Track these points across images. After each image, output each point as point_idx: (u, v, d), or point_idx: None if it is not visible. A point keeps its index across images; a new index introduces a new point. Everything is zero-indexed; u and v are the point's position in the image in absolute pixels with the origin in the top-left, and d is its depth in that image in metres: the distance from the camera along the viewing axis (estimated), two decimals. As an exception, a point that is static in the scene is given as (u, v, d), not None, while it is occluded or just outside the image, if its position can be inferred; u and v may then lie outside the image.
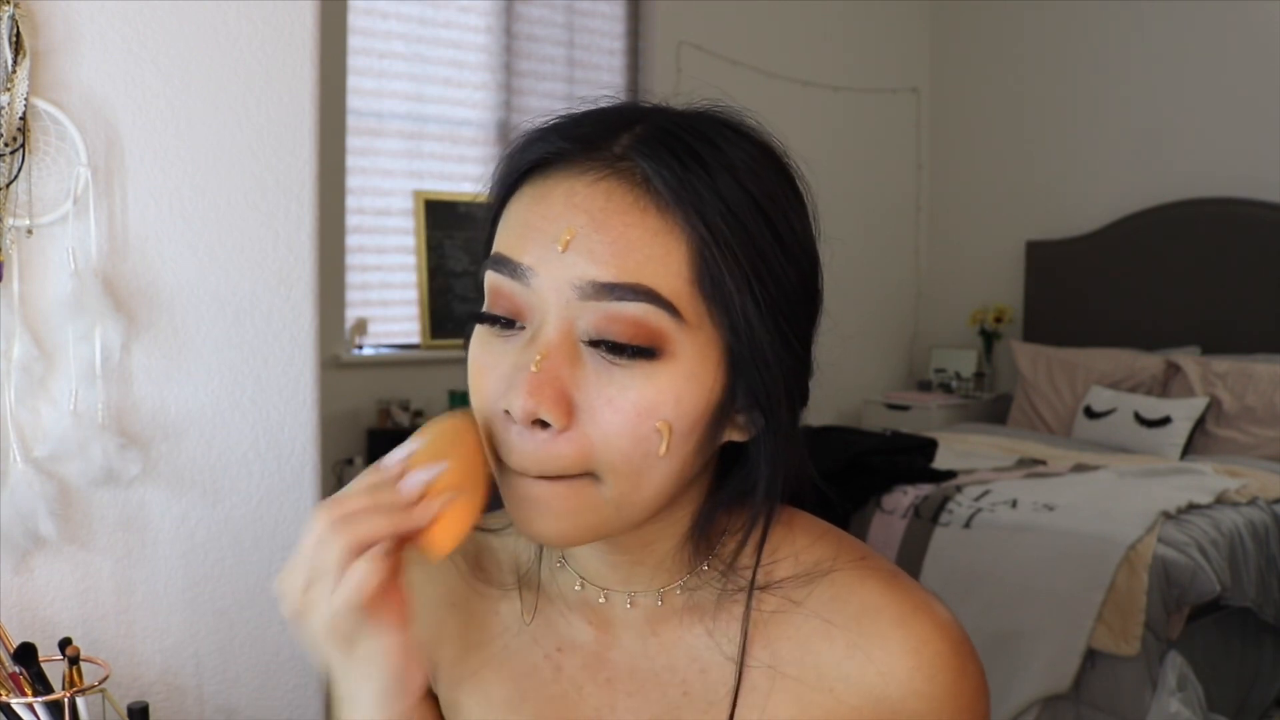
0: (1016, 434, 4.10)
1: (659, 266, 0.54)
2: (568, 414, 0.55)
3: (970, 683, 0.62)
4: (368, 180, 3.65)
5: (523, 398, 0.54)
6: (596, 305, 0.54)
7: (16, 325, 1.18)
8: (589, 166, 0.56)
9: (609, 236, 0.54)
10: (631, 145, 0.56)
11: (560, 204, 0.56)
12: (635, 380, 0.55)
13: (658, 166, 0.55)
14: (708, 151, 0.56)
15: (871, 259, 4.85)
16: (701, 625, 0.64)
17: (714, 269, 0.55)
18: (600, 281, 0.54)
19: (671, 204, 0.55)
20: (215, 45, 1.32)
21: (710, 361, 0.56)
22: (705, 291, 0.55)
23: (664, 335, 0.55)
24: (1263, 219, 3.85)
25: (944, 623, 0.62)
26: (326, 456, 1.45)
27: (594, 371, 0.55)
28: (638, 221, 0.55)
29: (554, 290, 0.55)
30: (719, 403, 0.57)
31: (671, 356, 0.55)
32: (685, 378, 0.55)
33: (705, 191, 0.55)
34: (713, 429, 0.58)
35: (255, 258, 1.36)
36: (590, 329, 0.55)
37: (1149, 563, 2.47)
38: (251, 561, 1.37)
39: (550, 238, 0.55)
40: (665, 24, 4.22)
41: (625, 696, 0.65)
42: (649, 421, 0.55)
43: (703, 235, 0.55)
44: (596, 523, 0.57)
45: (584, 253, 0.54)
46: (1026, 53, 4.67)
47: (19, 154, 1.17)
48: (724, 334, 0.56)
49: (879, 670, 0.61)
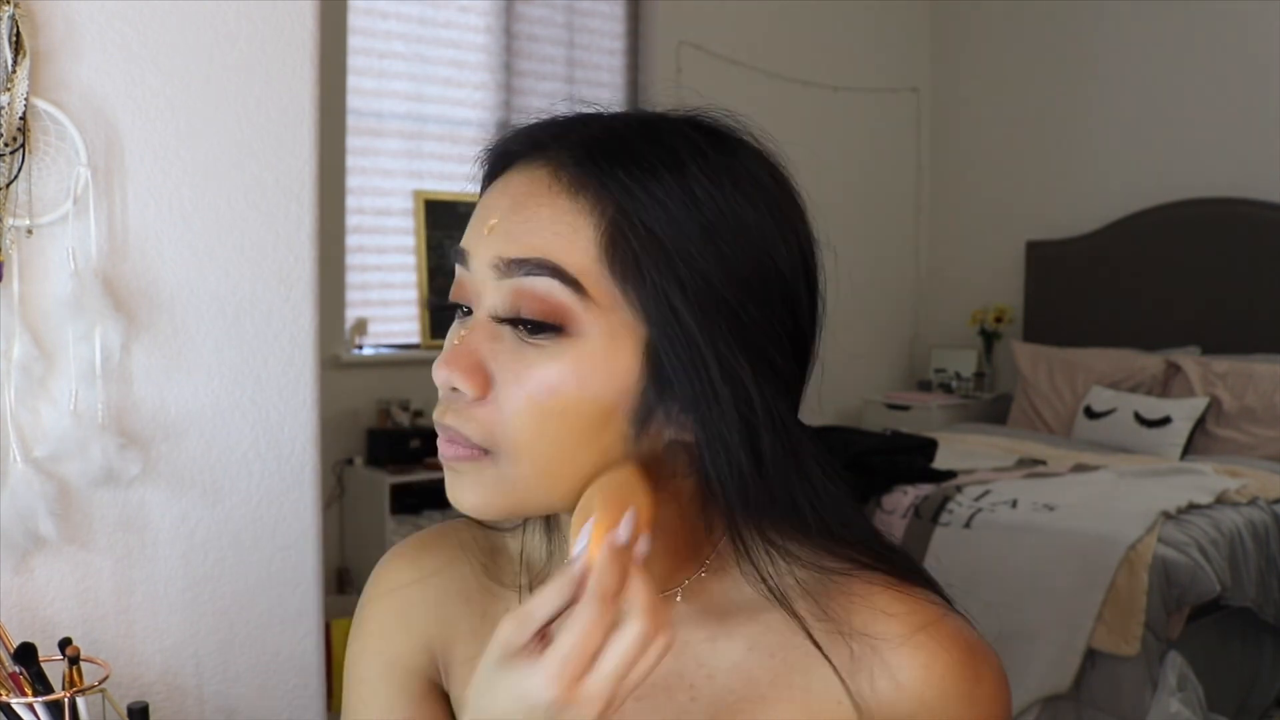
0: (1016, 434, 4.10)
1: (564, 244, 0.56)
2: (482, 385, 0.57)
3: (986, 689, 0.61)
4: (368, 180, 3.65)
5: (442, 365, 0.58)
6: (508, 282, 0.57)
7: (16, 325, 1.18)
8: (530, 162, 0.60)
9: (522, 216, 0.58)
10: (571, 141, 0.59)
11: (496, 193, 0.60)
12: (542, 358, 0.57)
13: (579, 155, 0.58)
14: (649, 148, 0.57)
15: (871, 259, 4.85)
16: (707, 630, 0.64)
17: (625, 250, 0.56)
18: (507, 258, 0.57)
19: (582, 186, 0.57)
20: (215, 45, 1.32)
21: (624, 346, 0.56)
22: (615, 273, 0.56)
23: (569, 312, 0.56)
24: (1263, 219, 3.85)
25: (955, 634, 0.62)
26: (326, 456, 1.46)
27: (510, 349, 0.58)
28: (549, 203, 0.57)
29: (481, 271, 0.59)
30: (637, 392, 0.57)
31: (579, 335, 0.56)
32: (591, 358, 0.56)
33: (623, 178, 0.56)
34: (637, 421, 0.58)
35: (255, 258, 1.36)
36: (504, 306, 0.58)
37: (1149, 563, 2.47)
38: (251, 561, 1.37)
39: (483, 223, 0.60)
40: (665, 24, 4.22)
41: (633, 701, 0.65)
42: (551, 400, 0.56)
43: (613, 217, 0.56)
44: (506, 500, 0.60)
45: (501, 234, 0.58)
46: (1027, 53, 4.67)
47: (19, 154, 1.17)
48: (641, 320, 0.57)
49: (890, 683, 0.61)
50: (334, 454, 3.50)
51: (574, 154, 0.58)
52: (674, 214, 0.56)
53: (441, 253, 3.78)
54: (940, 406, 4.52)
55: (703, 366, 0.56)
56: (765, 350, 0.58)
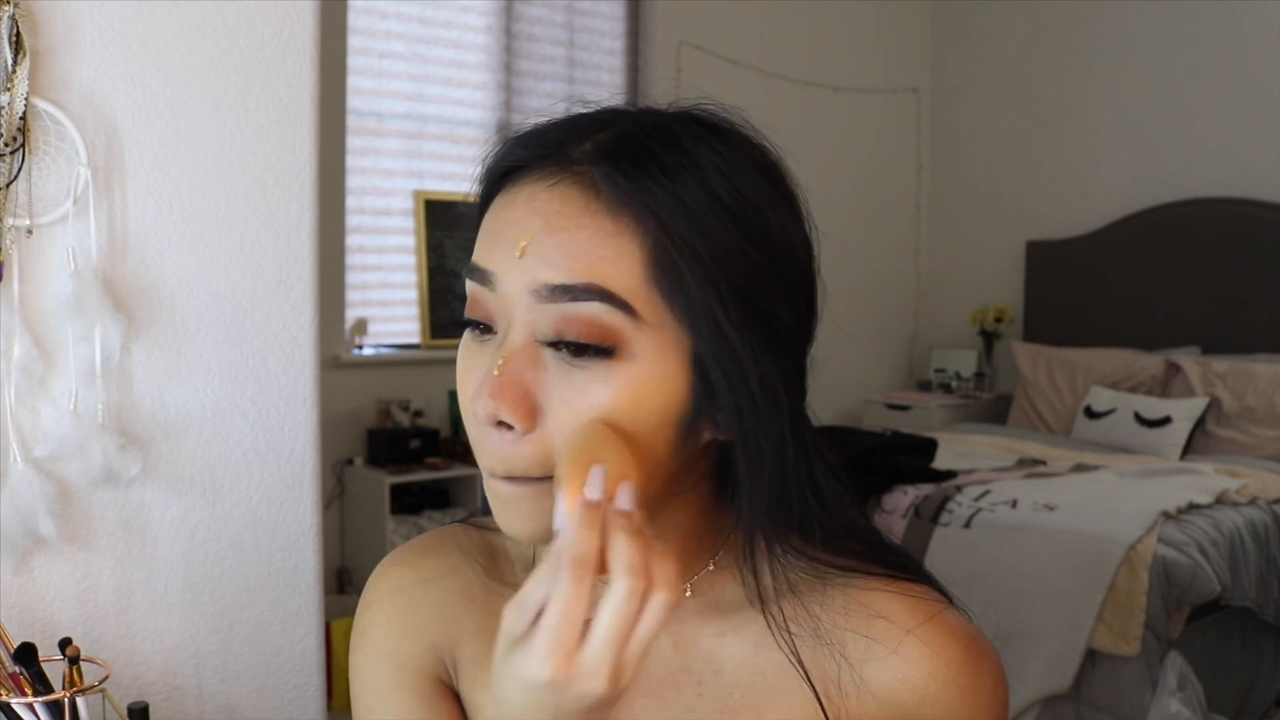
0: (1016, 434, 4.10)
1: (610, 266, 0.55)
2: (529, 416, 0.55)
3: (986, 684, 0.62)
4: (368, 180, 3.65)
5: (485, 400, 0.55)
6: (553, 307, 0.55)
7: (16, 325, 1.18)
8: (548, 172, 0.58)
9: (560, 239, 0.55)
10: (590, 151, 0.57)
11: (520, 209, 0.57)
12: (593, 381, 0.55)
13: (609, 170, 0.56)
14: (671, 155, 0.57)
15: (871, 259, 4.85)
16: (715, 626, 0.65)
17: (670, 267, 0.55)
18: (552, 284, 0.55)
19: (622, 205, 0.55)
20: (215, 45, 1.32)
21: (673, 361, 0.56)
22: (663, 290, 0.55)
23: (620, 334, 0.55)
24: (1263, 219, 3.85)
25: (956, 628, 0.62)
26: (326, 456, 1.46)
27: (555, 374, 0.56)
28: (589, 224, 0.55)
29: (515, 295, 0.56)
30: (687, 403, 0.57)
31: (630, 356, 0.55)
32: (645, 378, 0.56)
33: (660, 192, 0.55)
34: (684, 430, 0.58)
35: (255, 258, 1.36)
36: (548, 331, 0.56)
37: (1149, 563, 2.47)
38: (251, 561, 1.37)
39: (510, 243, 0.57)
40: (665, 24, 4.22)
41: (641, 697, 0.65)
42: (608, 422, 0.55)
43: (656, 235, 0.55)
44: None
45: (538, 257, 0.55)
46: (1027, 53, 4.67)
47: (19, 154, 1.17)
48: (687, 333, 0.56)
49: (893, 678, 0.61)
50: (334, 454, 3.50)
51: (603, 169, 0.56)
52: (709, 224, 0.56)
53: (442, 253, 3.78)
54: (940, 406, 4.52)
55: (742, 376, 0.57)
56: (791, 349, 0.59)
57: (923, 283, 5.12)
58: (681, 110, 0.61)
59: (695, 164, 0.56)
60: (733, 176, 0.57)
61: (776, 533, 0.62)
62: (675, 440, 0.58)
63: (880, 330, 4.98)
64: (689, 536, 0.64)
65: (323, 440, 1.43)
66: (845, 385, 4.71)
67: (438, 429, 3.63)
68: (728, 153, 0.58)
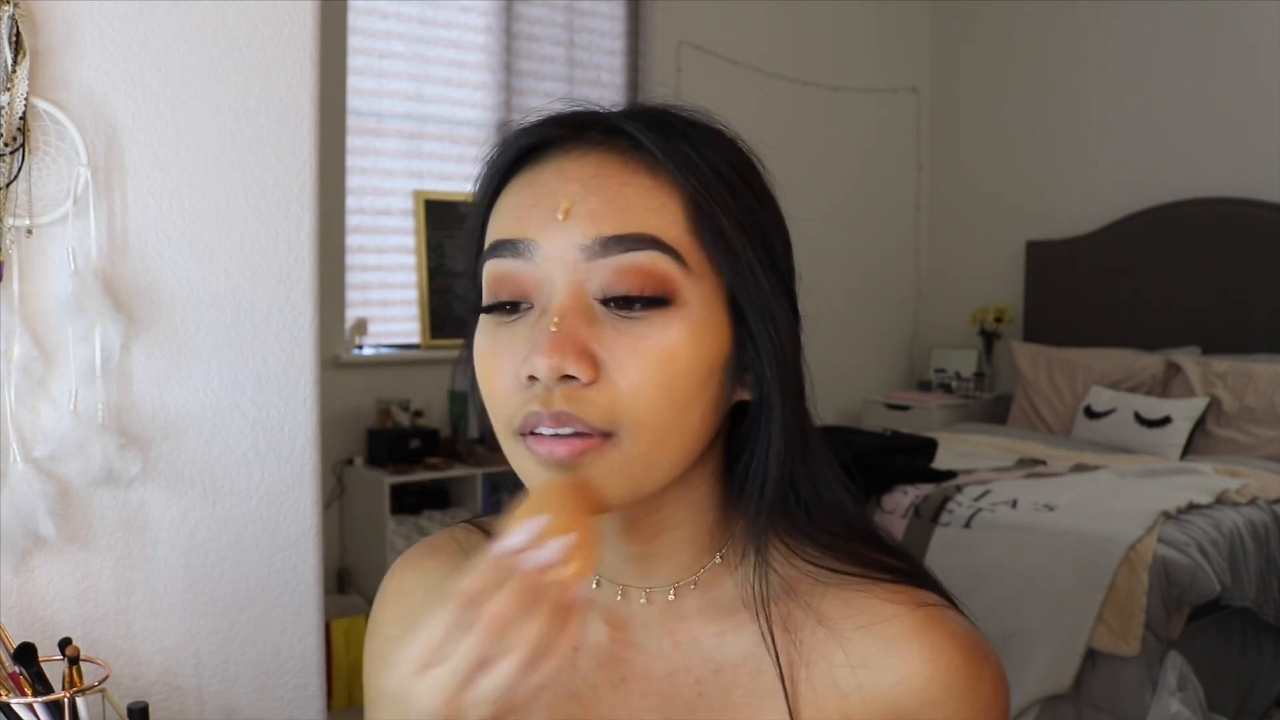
0: (1016, 434, 4.10)
1: (657, 218, 0.57)
2: (594, 366, 0.56)
3: (986, 688, 0.62)
4: (368, 180, 3.65)
5: (545, 355, 0.55)
6: (605, 262, 0.56)
7: (16, 325, 1.18)
8: (575, 145, 0.59)
9: (605, 195, 0.57)
10: (613, 122, 0.60)
11: (552, 179, 0.58)
12: (653, 329, 0.56)
13: (641, 132, 0.58)
14: (682, 124, 0.60)
15: (871, 259, 4.85)
16: (715, 625, 0.65)
17: (712, 219, 0.58)
18: (606, 235, 0.56)
19: (660, 162, 0.58)
20: (215, 45, 1.32)
21: (718, 309, 0.59)
22: (705, 241, 0.58)
23: (673, 282, 0.57)
24: (1263, 219, 3.85)
25: (956, 631, 0.62)
26: (326, 456, 1.46)
27: (611, 328, 0.57)
28: (631, 180, 0.58)
29: (559, 257, 0.57)
30: (731, 350, 0.60)
31: (683, 304, 0.57)
32: (698, 323, 0.57)
33: (689, 151, 0.58)
34: (727, 382, 0.60)
35: (255, 258, 1.36)
36: (602, 286, 0.57)
37: (1149, 563, 2.47)
38: (251, 561, 1.37)
39: (548, 210, 0.57)
40: (665, 24, 4.22)
41: (640, 697, 0.65)
42: (672, 365, 0.56)
43: (695, 189, 0.58)
44: (629, 485, 0.57)
45: (584, 215, 0.57)
46: (1027, 53, 4.67)
47: (19, 154, 1.17)
48: (727, 283, 0.59)
49: (892, 680, 0.61)
50: (334, 454, 3.50)
51: (636, 128, 0.59)
52: (731, 182, 0.59)
53: (442, 253, 3.78)
54: (940, 406, 4.52)
55: (773, 322, 0.60)
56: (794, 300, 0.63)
57: (923, 283, 5.12)
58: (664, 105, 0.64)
59: (703, 134, 0.60)
60: (730, 147, 0.62)
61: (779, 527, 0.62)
62: (723, 390, 0.60)
63: (880, 330, 4.98)
64: (695, 534, 0.64)
65: (323, 440, 1.43)
66: (845, 385, 4.71)
67: (438, 429, 3.63)
68: (717, 126, 0.63)
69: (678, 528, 0.64)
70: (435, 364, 3.73)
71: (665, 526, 0.63)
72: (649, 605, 0.65)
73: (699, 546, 0.65)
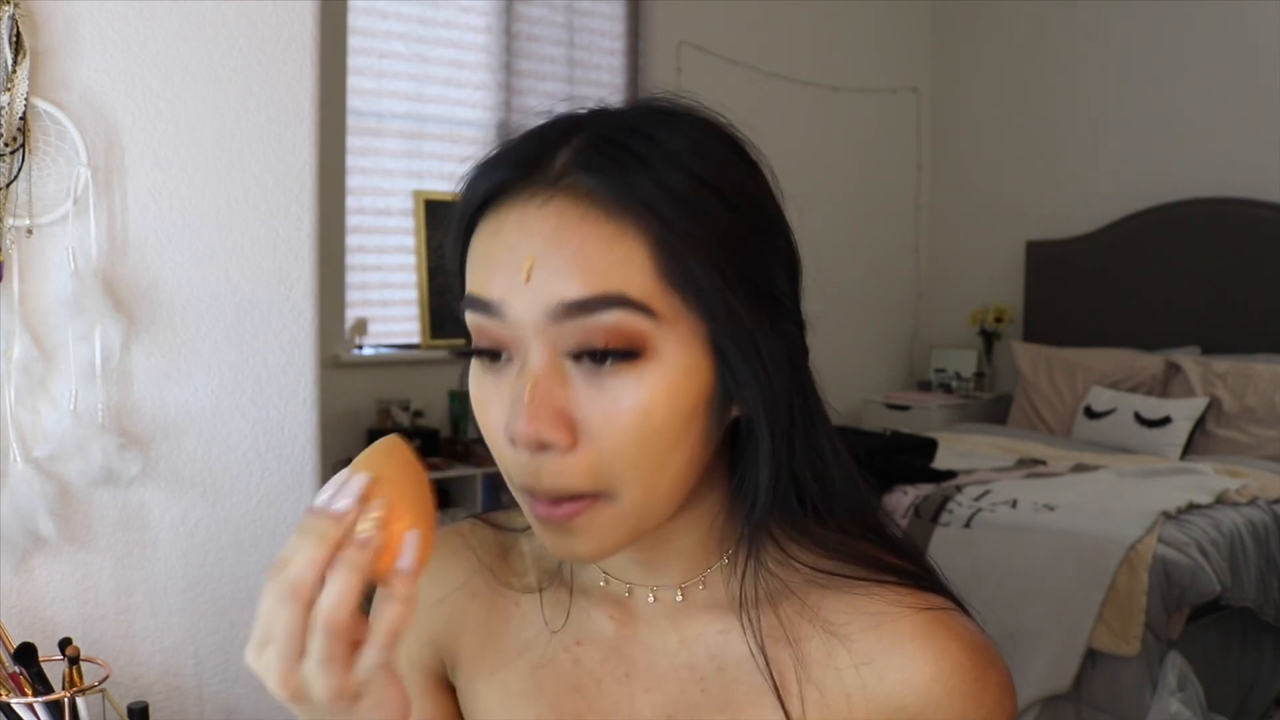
0: (1016, 434, 4.10)
1: (622, 271, 0.55)
2: (570, 432, 0.55)
3: (992, 690, 0.61)
4: (368, 180, 3.65)
5: (523, 424, 0.55)
6: (573, 323, 0.55)
7: (16, 325, 1.18)
8: (535, 190, 0.57)
9: (567, 254, 0.55)
10: (570, 160, 0.57)
11: (515, 232, 0.57)
12: (626, 386, 0.55)
13: (598, 176, 0.56)
14: (645, 147, 0.56)
15: (871, 259, 4.85)
16: (721, 623, 0.65)
17: (678, 260, 0.55)
18: (569, 300, 0.54)
19: (619, 208, 0.55)
20: (215, 45, 1.32)
21: (695, 349, 0.57)
22: (675, 284, 0.56)
23: (643, 335, 0.55)
24: (1263, 219, 3.85)
25: (962, 632, 0.62)
26: (326, 456, 1.45)
27: (585, 385, 0.56)
28: (592, 233, 0.55)
29: (529, 319, 0.56)
30: (715, 386, 0.58)
31: (655, 354, 0.56)
32: (674, 372, 0.56)
33: (650, 186, 0.55)
34: (715, 414, 0.59)
35: (255, 258, 1.36)
36: (571, 345, 0.55)
37: (1149, 563, 2.47)
38: (251, 561, 1.37)
39: (512, 269, 0.56)
40: (665, 24, 4.22)
41: (643, 692, 0.65)
42: (649, 424, 0.55)
43: (658, 231, 0.55)
44: (623, 533, 0.58)
45: (548, 276, 0.55)
46: (1027, 53, 4.67)
47: (19, 154, 1.17)
48: (704, 321, 0.57)
49: (897, 681, 0.61)
50: (334, 454, 3.50)
51: (591, 177, 0.56)
52: (701, 208, 0.56)
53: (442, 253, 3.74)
54: (940, 406, 4.52)
55: (757, 353, 0.58)
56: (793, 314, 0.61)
57: (923, 283, 5.12)
58: (636, 104, 0.61)
59: (670, 150, 0.56)
60: (706, 154, 0.57)
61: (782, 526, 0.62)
62: (709, 424, 0.59)
63: (880, 330, 4.98)
64: (701, 539, 0.64)
65: (323, 440, 1.43)
66: (845, 385, 4.71)
67: (438, 429, 3.63)
68: (692, 132, 0.58)
69: (684, 536, 0.64)
70: (435, 364, 3.73)
71: (671, 537, 0.64)
72: (656, 603, 0.66)
73: (705, 549, 0.65)
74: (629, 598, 0.67)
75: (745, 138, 0.62)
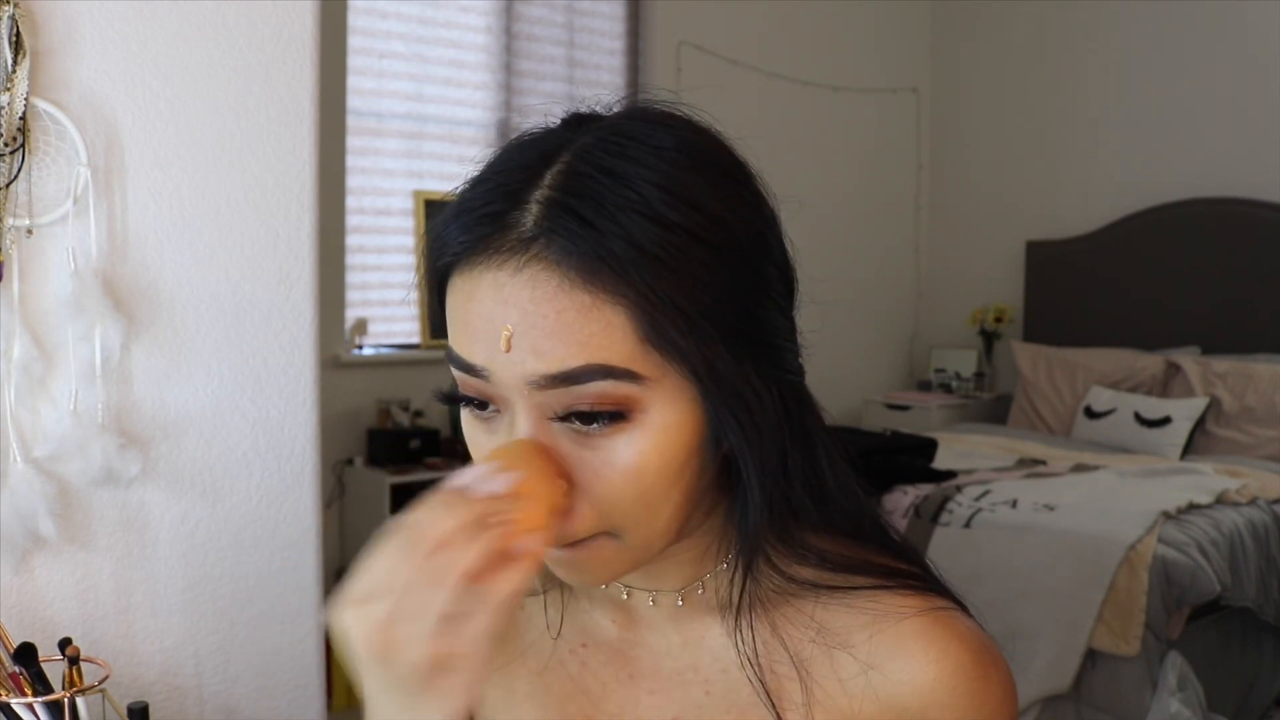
0: (1016, 434, 4.10)
1: (602, 340, 0.54)
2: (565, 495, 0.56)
3: (994, 690, 0.62)
4: (368, 180, 3.65)
5: None
6: (555, 392, 0.55)
7: (16, 325, 1.18)
8: (508, 254, 0.55)
9: (545, 328, 0.54)
10: (541, 217, 0.54)
11: (489, 300, 0.55)
12: (617, 447, 0.55)
13: (568, 244, 0.53)
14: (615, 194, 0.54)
15: (871, 259, 4.85)
16: (724, 626, 0.65)
17: (657, 322, 0.54)
18: (550, 374, 0.54)
19: (593, 275, 0.53)
20: (215, 45, 1.32)
21: (683, 404, 0.57)
22: (656, 345, 0.55)
23: (629, 399, 0.55)
24: (1263, 219, 3.85)
25: (964, 632, 0.62)
26: (326, 456, 1.46)
27: (573, 445, 0.56)
28: (568, 304, 0.54)
29: (512, 386, 0.55)
30: (706, 432, 0.58)
31: (642, 413, 0.55)
32: (663, 429, 0.56)
33: (621, 247, 0.53)
34: (708, 450, 0.59)
35: (255, 258, 1.36)
36: (558, 409, 0.56)
37: (1149, 563, 2.47)
38: (251, 561, 1.37)
39: (490, 338, 0.55)
40: (665, 24, 4.22)
41: (647, 694, 0.65)
42: (642, 479, 0.56)
43: (635, 297, 0.53)
44: (629, 563, 0.60)
45: (527, 349, 0.54)
46: (1027, 53, 4.67)
47: (19, 154, 1.17)
48: (687, 376, 0.56)
49: (899, 681, 0.61)
50: (334, 454, 3.50)
51: (560, 244, 0.53)
52: (675, 260, 0.54)
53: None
54: (940, 406, 4.52)
55: (745, 405, 0.57)
56: (787, 349, 0.60)
57: (923, 283, 5.12)
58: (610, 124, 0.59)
59: (642, 196, 0.54)
60: (680, 191, 0.55)
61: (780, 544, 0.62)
62: (702, 464, 0.59)
63: (880, 330, 4.98)
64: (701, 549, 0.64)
65: (323, 440, 1.43)
66: (845, 385, 4.71)
67: (438, 429, 3.63)
68: (664, 165, 0.55)
69: (684, 551, 0.64)
70: (435, 364, 3.72)
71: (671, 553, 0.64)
72: (656, 607, 0.66)
73: (705, 557, 0.65)
74: (628, 600, 0.67)
75: (728, 143, 0.60)
